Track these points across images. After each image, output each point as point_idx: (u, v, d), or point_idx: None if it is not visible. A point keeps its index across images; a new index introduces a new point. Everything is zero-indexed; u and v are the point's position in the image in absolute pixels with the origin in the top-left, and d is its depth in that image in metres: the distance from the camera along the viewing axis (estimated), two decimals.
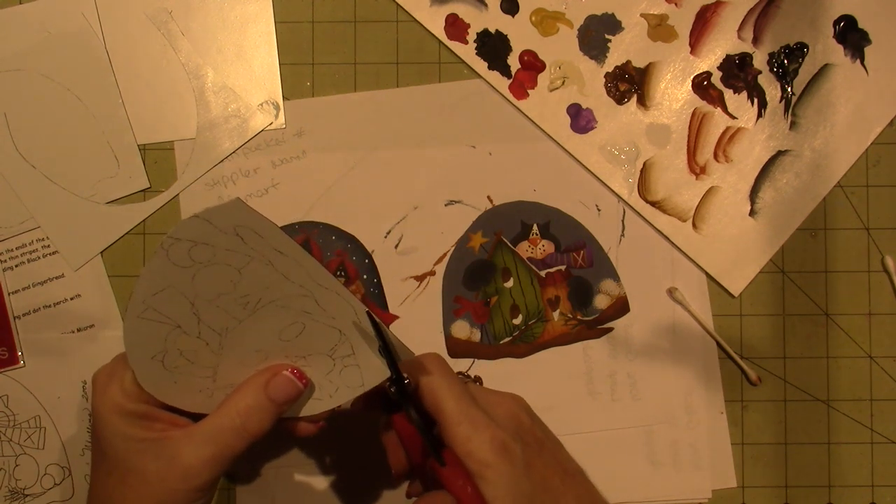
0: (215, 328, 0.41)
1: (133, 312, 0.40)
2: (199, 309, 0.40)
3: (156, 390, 0.41)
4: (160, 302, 0.40)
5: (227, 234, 0.39)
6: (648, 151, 0.56)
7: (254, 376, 0.42)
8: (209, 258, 0.39)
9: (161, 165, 0.56)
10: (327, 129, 0.56)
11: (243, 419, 0.40)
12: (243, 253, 0.39)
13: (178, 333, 0.41)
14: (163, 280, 0.39)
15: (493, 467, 0.38)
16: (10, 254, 0.55)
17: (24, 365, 0.55)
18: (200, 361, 0.42)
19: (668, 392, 0.56)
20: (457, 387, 0.41)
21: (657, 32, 0.57)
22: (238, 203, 0.38)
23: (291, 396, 0.42)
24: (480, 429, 0.39)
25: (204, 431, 0.40)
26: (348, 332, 0.42)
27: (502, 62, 0.56)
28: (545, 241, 0.57)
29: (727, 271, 0.56)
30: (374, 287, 0.56)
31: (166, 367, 0.41)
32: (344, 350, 0.43)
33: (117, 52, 0.56)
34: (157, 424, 0.41)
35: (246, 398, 0.41)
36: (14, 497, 0.55)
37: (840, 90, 0.57)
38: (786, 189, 0.57)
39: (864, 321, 0.57)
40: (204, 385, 0.42)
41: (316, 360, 0.43)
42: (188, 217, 0.38)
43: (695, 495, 0.56)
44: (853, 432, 0.57)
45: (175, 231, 0.39)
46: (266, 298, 0.41)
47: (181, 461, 0.40)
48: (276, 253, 0.40)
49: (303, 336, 0.42)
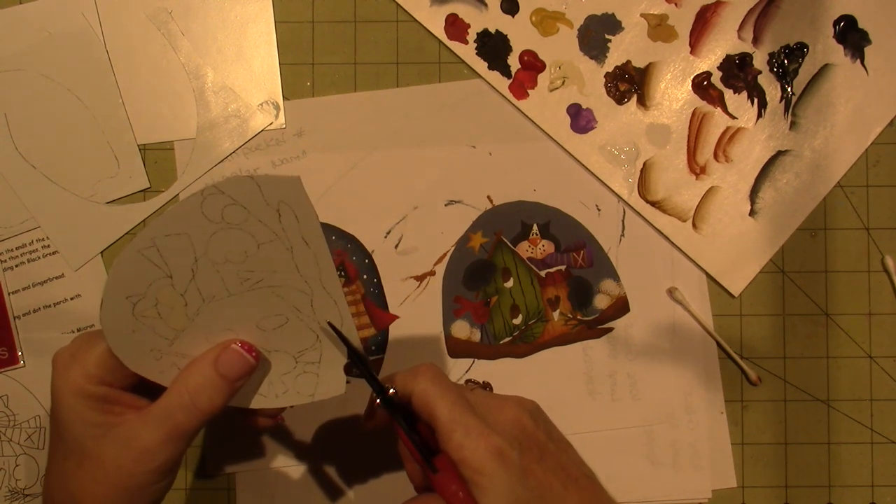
0: (203, 293, 0.40)
1: (135, 245, 0.38)
2: (200, 267, 0.39)
3: (110, 331, 0.39)
4: (168, 245, 0.38)
5: (269, 206, 0.38)
6: (648, 151, 0.56)
7: (204, 353, 0.41)
8: (239, 222, 0.38)
9: (161, 165, 0.56)
10: (327, 129, 0.56)
11: (192, 396, 0.39)
12: (272, 230, 0.38)
13: (166, 284, 0.39)
14: (183, 225, 0.38)
15: (486, 475, 0.38)
16: (10, 254, 0.55)
17: (24, 365, 0.55)
18: (169, 321, 0.40)
19: (668, 392, 0.56)
20: (451, 394, 0.40)
21: (657, 32, 0.57)
22: (295, 181, 0.37)
23: (243, 372, 0.41)
24: (473, 436, 0.39)
25: (156, 412, 0.40)
26: (324, 341, 0.41)
27: (502, 62, 0.56)
28: (545, 241, 0.57)
29: (727, 271, 0.56)
30: (374, 287, 0.56)
31: (134, 313, 0.39)
32: (311, 356, 0.42)
33: (117, 52, 0.56)
34: (116, 408, 0.40)
35: (195, 375, 0.40)
36: (14, 497, 0.55)
37: (840, 90, 0.57)
38: (786, 189, 0.57)
39: (864, 321, 0.57)
40: (158, 345, 0.40)
41: (279, 357, 0.42)
42: (241, 175, 0.37)
43: (695, 495, 0.56)
44: (853, 432, 0.57)
45: (222, 184, 0.37)
46: (266, 282, 0.40)
47: (136, 444, 0.39)
48: (302, 242, 0.39)
49: (281, 330, 0.41)
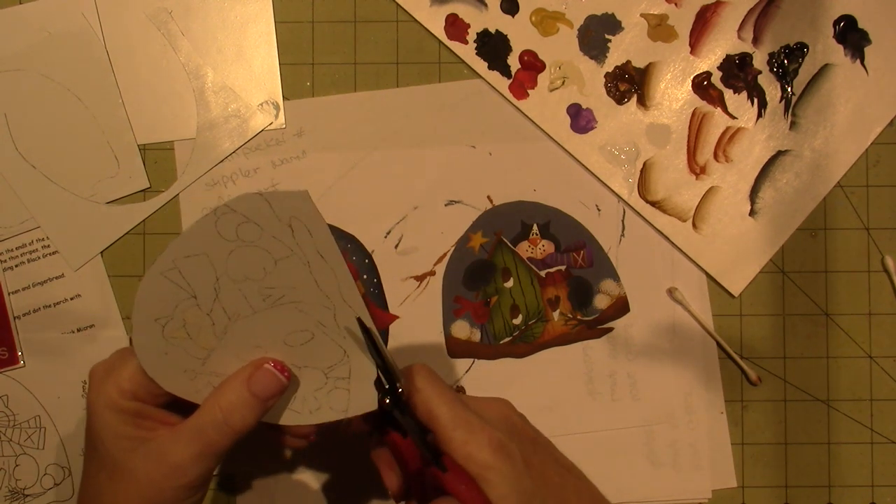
0: (228, 311, 0.40)
1: (158, 268, 0.39)
2: (221, 286, 0.40)
3: (143, 355, 0.40)
4: (189, 266, 0.39)
5: (281, 221, 0.38)
6: (648, 151, 0.56)
7: (237, 371, 0.41)
8: (253, 239, 0.39)
9: (161, 165, 0.56)
10: (327, 129, 0.56)
11: (225, 415, 0.40)
12: (287, 245, 0.39)
13: (191, 304, 0.40)
14: (200, 245, 0.39)
15: (493, 468, 0.38)
16: (10, 254, 0.55)
17: (24, 365, 0.55)
18: (199, 340, 0.41)
19: (668, 392, 0.56)
20: (448, 393, 0.41)
21: (657, 32, 0.57)
22: (304, 195, 0.38)
23: (274, 391, 0.41)
24: (476, 431, 0.39)
25: (189, 428, 0.40)
26: (352, 356, 0.42)
27: (502, 62, 0.56)
28: (545, 241, 0.57)
29: (727, 271, 0.56)
30: (374, 287, 0.56)
31: (164, 335, 0.40)
32: (341, 371, 0.42)
33: (117, 52, 0.56)
34: (149, 423, 0.41)
35: (228, 393, 0.40)
36: (14, 497, 0.55)
37: (840, 90, 0.57)
38: (786, 189, 0.57)
39: (864, 321, 0.57)
40: (191, 366, 0.41)
41: (309, 373, 0.42)
42: (251, 192, 0.38)
43: (695, 495, 0.56)
44: (853, 432, 0.57)
45: (233, 202, 0.38)
46: (288, 297, 0.40)
47: (168, 459, 0.39)
48: (318, 256, 0.39)
49: (308, 346, 0.42)
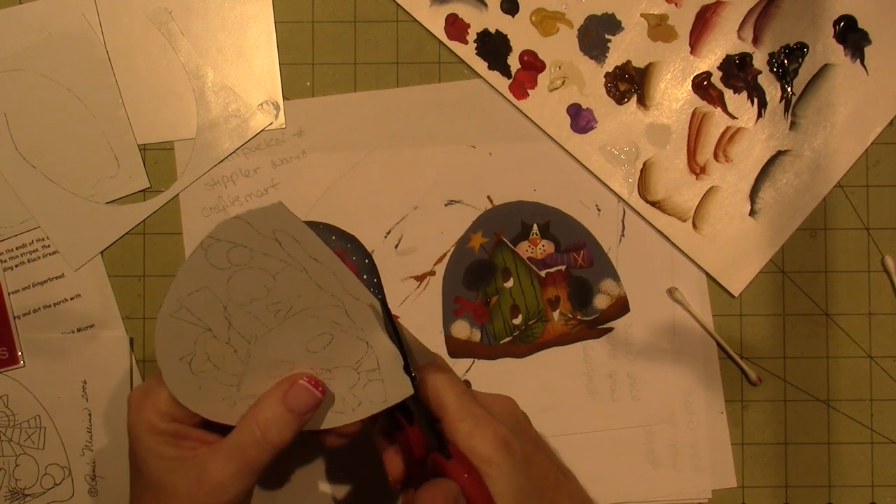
0: (245, 335, 0.41)
1: (166, 311, 0.40)
2: (231, 313, 0.40)
3: (180, 393, 0.41)
4: (194, 302, 0.40)
5: (266, 237, 0.39)
6: (648, 151, 0.56)
7: (272, 388, 0.42)
8: (246, 261, 0.39)
9: (161, 165, 0.56)
10: (327, 129, 0.56)
11: (263, 431, 0.41)
12: (279, 258, 0.39)
13: (208, 337, 0.41)
14: (199, 280, 0.39)
15: (494, 463, 0.39)
16: (10, 254, 0.55)
17: (24, 365, 0.55)
18: (227, 368, 0.42)
19: (668, 392, 0.56)
20: (459, 385, 0.41)
21: (657, 32, 0.57)
22: (279, 207, 0.38)
23: (310, 406, 0.42)
24: (482, 425, 0.39)
25: (228, 447, 0.41)
26: (375, 346, 0.42)
27: (502, 62, 0.56)
28: (545, 241, 0.57)
29: (727, 271, 0.56)
30: (374, 287, 0.56)
31: (193, 371, 0.41)
32: (369, 364, 0.42)
33: (117, 52, 0.56)
34: (188, 443, 0.42)
35: (265, 410, 0.41)
36: (14, 497, 0.55)
37: (840, 90, 0.57)
38: (786, 189, 0.57)
39: (864, 321, 0.57)
40: (227, 393, 0.42)
41: (341, 373, 0.43)
42: (229, 218, 0.38)
43: (695, 495, 0.56)
44: (853, 432, 0.57)
45: (215, 231, 0.38)
46: (297, 307, 0.41)
47: (209, 478, 0.40)
48: (312, 261, 0.40)
49: (330, 347, 0.42)
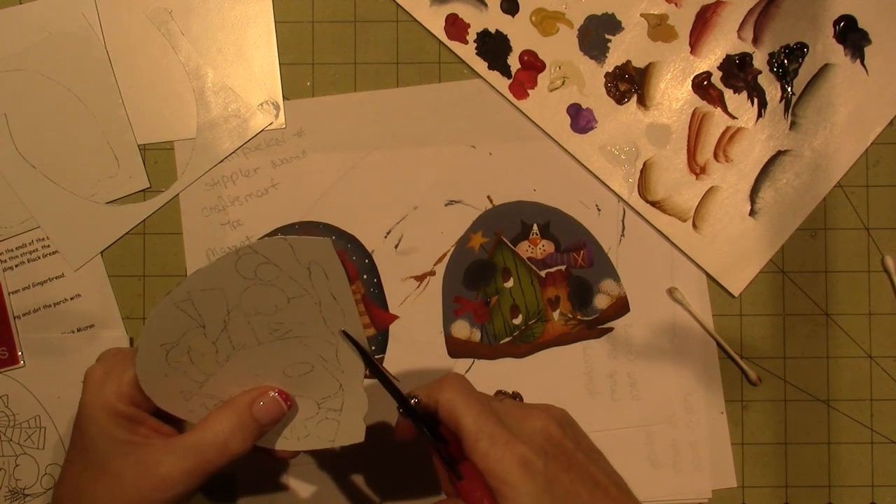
0: (234, 342, 0.42)
1: (172, 297, 0.40)
2: (231, 319, 0.41)
3: (143, 376, 0.41)
4: (202, 298, 0.40)
5: (301, 264, 0.40)
6: (648, 151, 0.56)
7: (240, 395, 0.43)
8: (271, 279, 0.40)
9: (161, 165, 0.56)
10: (327, 129, 0.56)
11: (226, 436, 0.41)
12: (302, 286, 0.41)
13: (198, 333, 0.41)
14: (218, 280, 0.40)
15: (510, 484, 0.38)
16: (10, 254, 0.55)
17: (24, 365, 0.55)
18: (200, 366, 0.42)
19: (668, 392, 0.56)
20: (476, 404, 0.40)
21: (657, 32, 0.57)
22: (327, 243, 0.40)
23: (275, 417, 0.43)
24: (499, 445, 0.39)
25: (185, 444, 0.41)
26: (347, 389, 0.43)
27: (502, 62, 0.56)
28: (545, 241, 0.57)
29: (727, 271, 0.56)
30: (374, 287, 0.56)
31: (167, 359, 0.41)
32: (334, 403, 0.43)
33: (117, 52, 0.56)
34: (142, 429, 0.42)
35: (230, 416, 0.41)
36: (14, 497, 0.55)
37: (840, 90, 0.57)
38: (786, 189, 0.57)
39: (864, 321, 0.57)
40: (187, 388, 0.43)
41: (303, 402, 0.44)
42: (276, 237, 0.40)
43: (695, 495, 0.56)
44: (853, 432, 0.57)
45: (257, 245, 0.40)
46: (295, 332, 0.42)
47: (159, 470, 0.40)
48: (330, 297, 0.41)
49: (306, 377, 0.43)
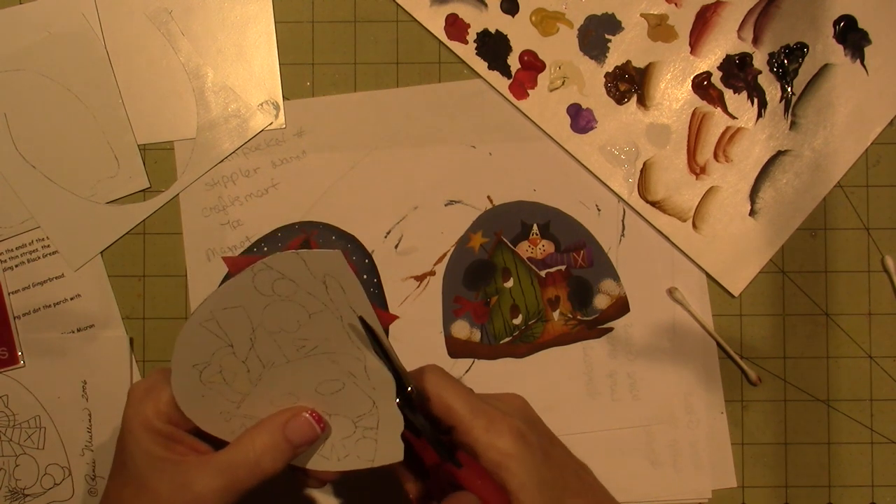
0: (263, 360, 0.42)
1: (196, 318, 0.41)
2: (258, 337, 0.42)
3: (182, 398, 0.42)
4: (226, 317, 0.41)
5: (316, 278, 0.40)
6: (648, 151, 0.56)
7: (274, 415, 0.43)
8: (289, 294, 0.41)
9: (161, 165, 0.56)
10: (327, 129, 0.56)
11: (258, 456, 0.41)
12: (321, 300, 0.41)
13: (228, 352, 0.42)
14: (238, 299, 0.41)
15: (513, 456, 0.39)
16: (10, 254, 0.55)
17: (24, 365, 0.55)
18: (234, 385, 0.43)
19: (668, 392, 0.56)
20: (462, 388, 0.42)
21: (657, 32, 0.57)
22: (337, 255, 0.40)
23: (308, 439, 0.42)
24: (497, 420, 0.40)
25: (219, 462, 0.41)
26: (381, 407, 0.43)
27: (502, 62, 0.56)
28: (545, 241, 0.57)
29: (727, 271, 0.56)
30: (374, 287, 0.56)
31: (202, 380, 0.42)
32: (369, 422, 0.43)
33: (117, 52, 0.56)
34: (179, 447, 0.42)
35: (263, 436, 0.41)
36: (14, 497, 0.55)
37: (840, 90, 0.57)
38: (786, 189, 0.57)
39: (864, 321, 0.57)
40: (226, 408, 0.43)
41: (339, 421, 0.44)
42: (288, 252, 0.40)
43: (695, 495, 0.56)
44: (853, 432, 0.57)
45: (271, 260, 0.40)
46: (321, 348, 0.42)
47: (193, 488, 0.40)
48: (350, 311, 0.41)
49: (338, 395, 0.43)
